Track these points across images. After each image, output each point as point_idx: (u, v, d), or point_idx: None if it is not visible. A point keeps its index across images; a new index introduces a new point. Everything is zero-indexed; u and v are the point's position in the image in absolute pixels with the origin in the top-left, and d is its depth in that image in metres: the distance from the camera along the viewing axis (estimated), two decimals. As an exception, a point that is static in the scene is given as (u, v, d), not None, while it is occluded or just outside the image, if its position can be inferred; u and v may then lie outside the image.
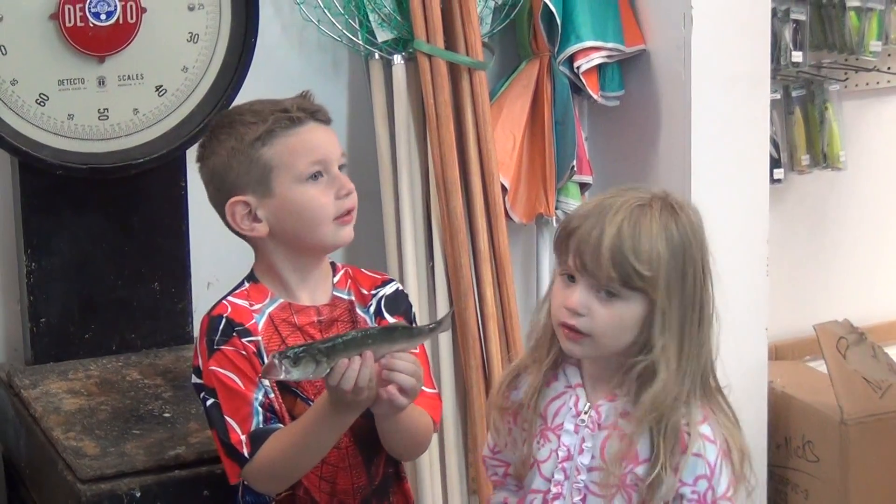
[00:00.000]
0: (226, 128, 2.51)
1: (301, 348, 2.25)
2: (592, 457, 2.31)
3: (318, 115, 2.50)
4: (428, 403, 2.52)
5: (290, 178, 2.46)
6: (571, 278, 2.27)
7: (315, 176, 2.46)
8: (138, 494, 2.63)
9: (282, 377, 2.25)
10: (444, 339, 3.47)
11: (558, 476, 2.33)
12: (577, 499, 2.32)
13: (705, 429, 2.30)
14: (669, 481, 2.26)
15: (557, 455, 2.33)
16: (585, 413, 2.33)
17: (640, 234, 2.22)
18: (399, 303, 2.59)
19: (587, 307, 2.24)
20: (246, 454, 2.41)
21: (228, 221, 2.52)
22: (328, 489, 2.49)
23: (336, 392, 2.29)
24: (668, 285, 2.24)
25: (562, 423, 2.34)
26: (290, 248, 2.51)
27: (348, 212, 2.49)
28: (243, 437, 2.41)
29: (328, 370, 2.26)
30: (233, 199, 2.49)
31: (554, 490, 2.33)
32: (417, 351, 2.44)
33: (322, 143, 2.48)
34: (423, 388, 2.49)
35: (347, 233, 2.51)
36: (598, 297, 2.24)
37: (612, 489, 2.29)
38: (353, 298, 2.56)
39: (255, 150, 2.46)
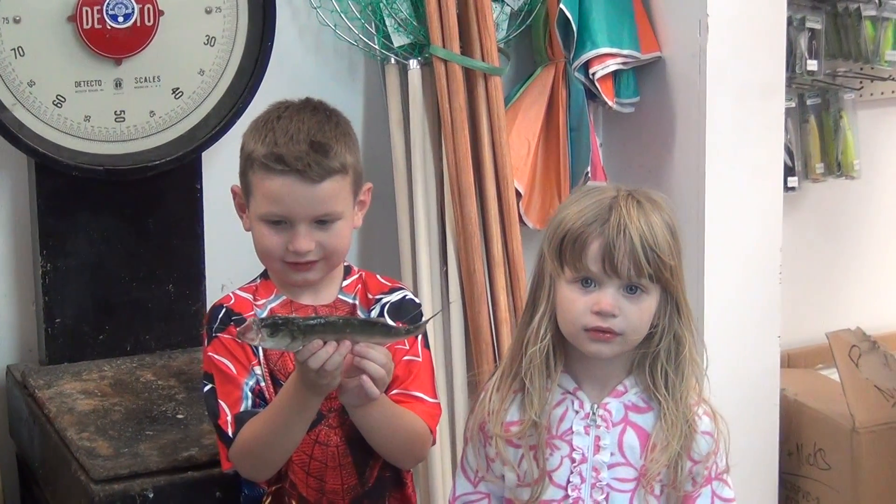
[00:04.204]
0: (252, 126, 2.54)
1: (282, 320, 2.27)
2: (612, 454, 2.34)
3: (307, 172, 2.44)
4: (426, 412, 2.52)
5: (255, 212, 2.50)
6: (587, 283, 2.29)
7: (275, 221, 2.47)
8: (151, 495, 2.64)
9: (255, 343, 2.27)
10: (457, 343, 3.48)
11: (575, 480, 2.34)
12: (599, 498, 2.34)
13: (704, 407, 2.38)
14: (688, 463, 2.33)
15: (572, 459, 2.34)
16: (595, 413, 2.35)
17: (654, 227, 2.28)
18: (404, 311, 2.58)
19: (619, 307, 2.28)
20: (230, 434, 2.45)
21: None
22: (316, 486, 2.51)
23: (302, 368, 2.31)
24: (678, 271, 2.32)
25: (569, 428, 2.35)
26: None
27: (296, 263, 2.48)
28: (229, 418, 2.45)
29: (301, 347, 2.28)
30: (236, 186, 2.56)
31: (573, 495, 2.34)
32: (390, 345, 2.42)
33: (289, 199, 2.45)
34: (424, 396, 2.52)
35: (299, 279, 2.51)
36: (625, 295, 2.28)
37: (655, 479, 2.32)
38: (356, 302, 2.58)
39: (247, 165, 2.51)
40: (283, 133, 2.47)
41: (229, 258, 3.31)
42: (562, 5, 3.49)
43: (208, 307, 3.25)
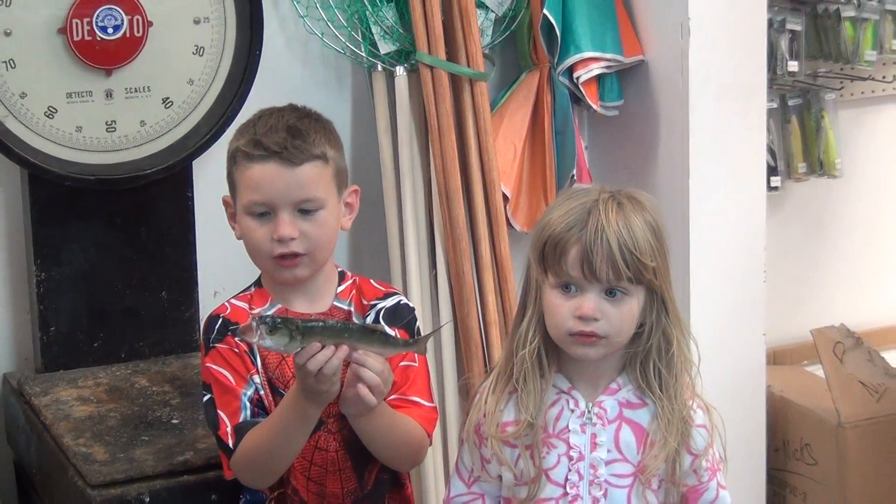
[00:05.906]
0: (236, 129, 2.58)
1: (280, 319, 2.29)
2: (608, 450, 2.37)
3: (285, 154, 2.46)
4: (423, 417, 2.54)
5: (240, 205, 2.52)
6: (568, 287, 2.31)
7: (260, 214, 2.50)
8: (147, 499, 2.66)
9: (255, 341, 2.28)
10: (448, 346, 3.50)
11: (573, 477, 2.37)
12: (598, 494, 2.36)
13: (697, 401, 2.41)
14: (687, 458, 2.36)
15: (569, 457, 2.37)
16: (590, 411, 2.37)
17: (634, 230, 2.29)
18: (399, 316, 2.60)
19: (601, 311, 2.30)
20: (231, 445, 2.47)
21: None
22: (317, 490, 2.53)
23: (301, 373, 2.33)
24: (662, 270, 2.33)
25: (566, 427, 2.38)
26: None
27: (283, 256, 2.49)
28: (229, 429, 2.47)
29: (299, 349, 2.29)
30: (227, 196, 2.58)
31: (571, 492, 2.36)
32: (388, 356, 2.44)
33: (270, 184, 2.47)
34: (421, 400, 2.54)
35: (288, 276, 2.52)
36: (607, 299, 2.30)
37: (654, 474, 2.35)
38: (352, 309, 2.59)
39: (232, 164, 2.54)
40: (264, 125, 2.51)
41: (221, 265, 3.33)
42: (545, 10, 3.52)
43: (201, 314, 3.30)
